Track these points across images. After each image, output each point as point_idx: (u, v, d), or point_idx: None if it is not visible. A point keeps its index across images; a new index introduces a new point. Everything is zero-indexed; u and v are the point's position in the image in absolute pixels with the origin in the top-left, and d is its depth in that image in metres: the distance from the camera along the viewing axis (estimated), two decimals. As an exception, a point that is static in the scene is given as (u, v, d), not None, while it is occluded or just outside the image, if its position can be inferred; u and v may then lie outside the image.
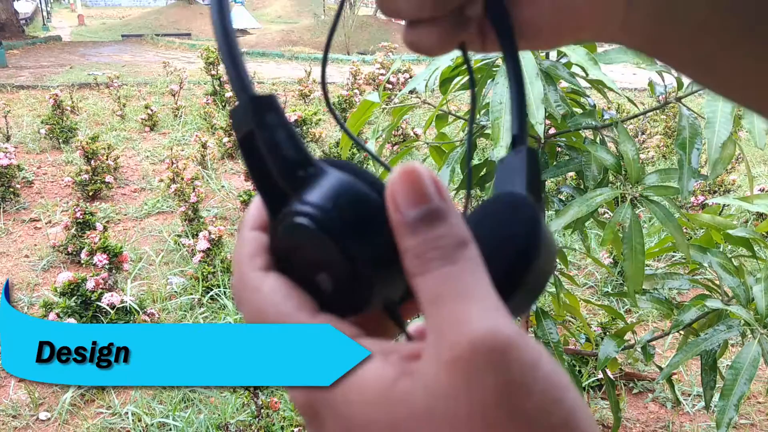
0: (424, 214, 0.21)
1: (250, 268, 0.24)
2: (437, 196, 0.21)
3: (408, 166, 0.21)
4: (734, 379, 1.18)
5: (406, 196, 0.21)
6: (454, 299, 0.20)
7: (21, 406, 2.21)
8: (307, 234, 0.23)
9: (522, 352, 0.18)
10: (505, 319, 0.19)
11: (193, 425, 2.05)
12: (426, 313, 0.20)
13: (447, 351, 0.19)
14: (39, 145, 5.52)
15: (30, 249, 3.53)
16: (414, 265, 0.21)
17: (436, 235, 0.21)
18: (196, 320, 2.69)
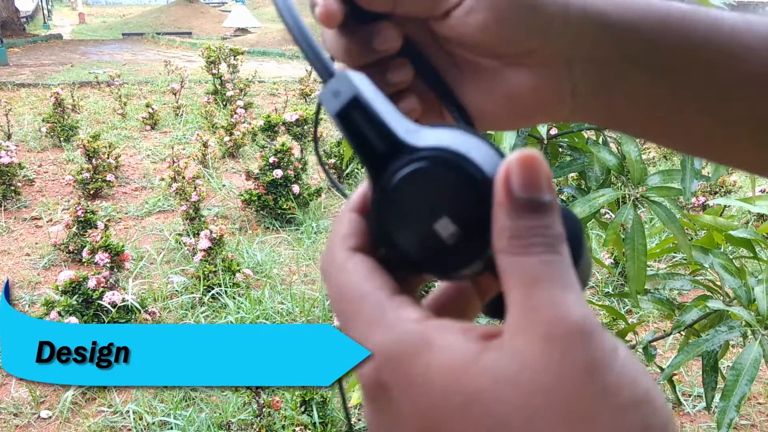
0: (535, 201, 0.22)
1: (341, 247, 0.25)
2: (549, 189, 0.22)
3: (530, 151, 0.22)
4: (735, 380, 1.17)
5: (522, 178, 0.22)
6: (553, 284, 0.21)
7: (22, 405, 2.21)
8: (434, 175, 0.24)
9: (605, 338, 0.20)
10: (592, 312, 0.21)
11: (194, 424, 2.05)
12: (517, 292, 0.21)
13: (544, 327, 0.20)
14: (40, 143, 5.53)
15: (31, 247, 3.54)
16: (513, 245, 0.22)
17: (542, 224, 0.22)
18: (197, 319, 2.69)
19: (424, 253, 0.24)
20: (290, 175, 3.89)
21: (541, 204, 0.22)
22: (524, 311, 0.21)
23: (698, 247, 1.32)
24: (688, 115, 0.32)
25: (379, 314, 0.23)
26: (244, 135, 5.17)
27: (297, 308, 2.77)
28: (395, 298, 0.23)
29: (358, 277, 0.24)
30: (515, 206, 0.22)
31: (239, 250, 3.35)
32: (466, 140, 0.24)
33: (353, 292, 0.24)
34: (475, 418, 0.20)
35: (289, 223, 3.84)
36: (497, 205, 0.22)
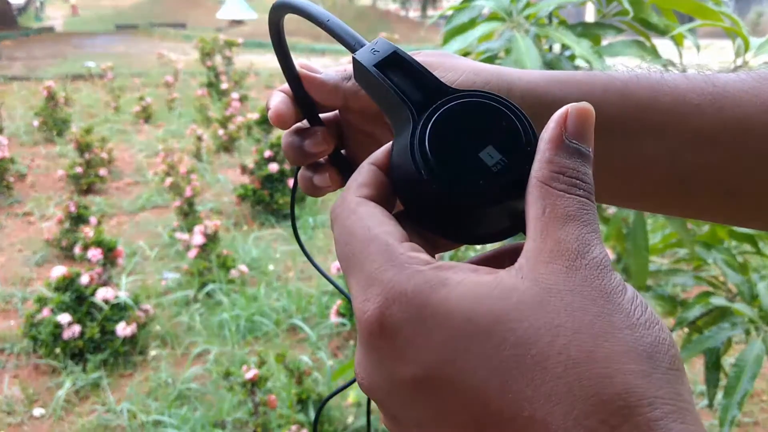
0: (582, 151, 0.24)
1: (354, 193, 0.26)
2: (591, 147, 0.24)
3: (587, 104, 0.24)
4: (738, 377, 1.17)
5: (576, 125, 0.24)
6: (584, 224, 0.22)
7: (15, 402, 2.19)
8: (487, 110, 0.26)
9: (617, 276, 0.22)
10: (608, 252, 0.23)
11: (189, 423, 2.03)
12: (548, 224, 0.23)
13: (568, 258, 0.22)
14: (32, 137, 5.47)
15: (23, 243, 3.50)
16: (557, 178, 0.23)
17: (584, 171, 0.23)
18: (191, 317, 2.66)
19: (469, 185, 0.25)
20: (286, 170, 3.86)
21: (585, 154, 0.24)
22: (552, 242, 0.22)
23: (701, 243, 1.31)
24: (646, 179, 0.34)
25: (389, 255, 0.23)
26: (239, 128, 5.12)
27: (293, 305, 2.75)
28: (406, 243, 0.24)
29: (370, 221, 0.24)
30: (565, 146, 0.23)
31: (234, 245, 3.32)
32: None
33: (363, 234, 0.24)
34: (500, 338, 0.21)
35: (285, 219, 3.80)
36: (547, 140, 0.24)
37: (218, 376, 2.11)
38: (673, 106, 0.33)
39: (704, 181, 0.34)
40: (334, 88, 0.35)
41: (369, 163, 0.27)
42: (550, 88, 0.33)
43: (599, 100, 0.33)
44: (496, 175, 0.25)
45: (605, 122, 0.32)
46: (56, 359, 2.35)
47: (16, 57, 10.49)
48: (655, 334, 0.21)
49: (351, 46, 0.30)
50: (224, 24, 16.80)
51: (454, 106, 0.26)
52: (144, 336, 2.49)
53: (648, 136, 0.34)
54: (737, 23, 0.96)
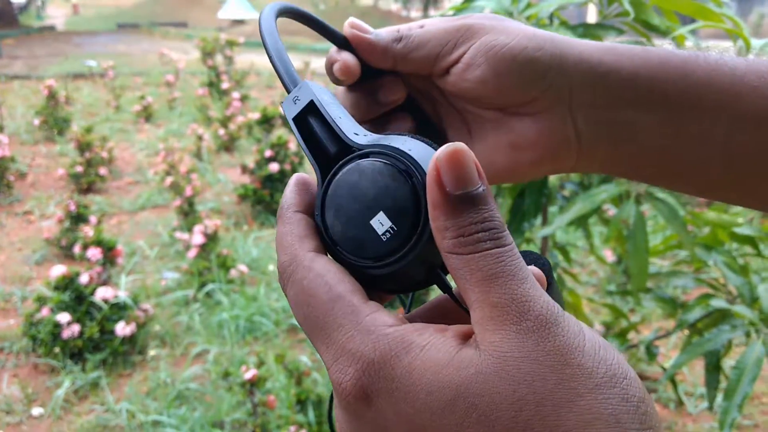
0: (470, 196, 0.22)
1: (302, 249, 0.24)
2: (480, 180, 0.22)
3: (456, 146, 0.22)
4: (738, 380, 1.16)
5: (452, 175, 0.22)
6: (509, 278, 0.21)
7: (14, 402, 2.19)
8: (379, 172, 0.24)
9: (569, 323, 0.21)
10: (550, 299, 0.22)
11: (188, 423, 2.03)
12: (477, 290, 0.21)
13: (513, 323, 0.21)
14: (33, 136, 5.47)
15: (23, 242, 3.50)
16: (458, 243, 0.22)
17: (483, 217, 0.22)
18: (190, 316, 2.66)
19: (363, 252, 0.24)
20: (287, 169, 3.85)
21: (476, 197, 0.22)
22: (489, 309, 0.21)
23: (702, 245, 1.31)
24: (696, 158, 0.34)
25: (354, 319, 0.22)
26: (239, 128, 5.12)
27: (293, 304, 2.74)
28: (368, 303, 0.23)
29: (329, 279, 0.23)
30: (452, 204, 0.22)
31: (234, 245, 3.32)
32: (411, 142, 0.25)
33: (325, 296, 0.23)
34: (462, 413, 0.20)
35: (285, 218, 3.80)
36: (433, 205, 0.22)
37: (217, 377, 2.10)
38: (731, 86, 0.32)
39: (756, 164, 0.33)
40: (383, 50, 0.34)
41: (295, 211, 0.26)
42: (603, 59, 0.33)
43: (655, 73, 0.32)
44: (385, 244, 0.24)
45: (660, 96, 0.32)
46: (55, 358, 2.35)
47: (17, 56, 10.49)
48: (622, 392, 0.20)
49: (288, 89, 0.29)
50: (225, 23, 16.80)
51: (351, 167, 0.25)
52: (143, 336, 2.49)
53: (704, 115, 0.33)
54: (738, 25, 0.95)
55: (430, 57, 0.33)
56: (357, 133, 0.26)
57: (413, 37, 0.33)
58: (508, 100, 0.33)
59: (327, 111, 0.27)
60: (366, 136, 0.26)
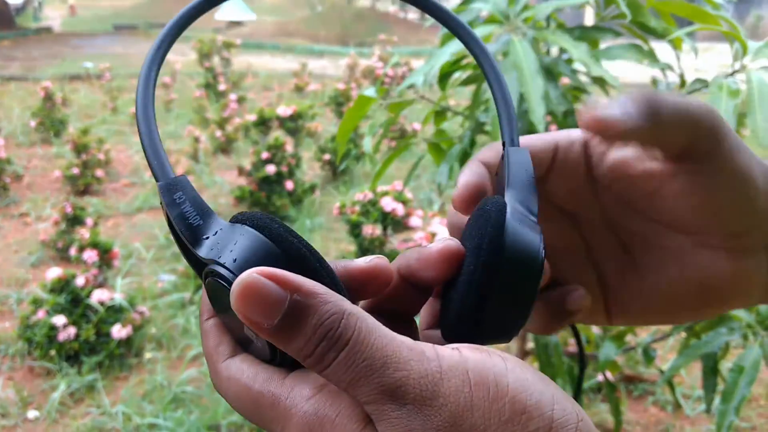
0: (285, 317, 0.21)
1: (217, 360, 0.24)
2: (283, 291, 0.21)
3: (242, 281, 0.21)
4: (735, 382, 1.16)
5: (257, 312, 0.21)
6: (371, 375, 0.20)
7: (9, 405, 2.17)
8: (219, 291, 0.23)
9: (452, 382, 0.20)
10: (419, 364, 0.20)
11: (184, 426, 2.02)
12: (350, 393, 0.21)
13: (396, 410, 0.20)
14: (29, 138, 5.45)
15: (19, 244, 3.48)
16: (311, 364, 0.21)
17: (310, 329, 0.21)
18: (187, 319, 2.65)
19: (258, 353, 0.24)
20: (284, 171, 3.85)
21: (293, 312, 0.20)
22: (368, 407, 0.21)
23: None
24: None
25: (276, 410, 0.22)
26: (236, 130, 5.11)
27: (290, 306, 2.74)
28: (285, 382, 0.23)
29: (244, 381, 0.23)
30: (277, 335, 0.21)
31: (231, 247, 3.31)
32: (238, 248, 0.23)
33: (248, 399, 0.23)
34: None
35: (282, 221, 3.79)
36: (271, 341, 0.21)
37: (214, 379, 2.10)
38: None
39: None
40: None
41: (206, 320, 0.26)
42: None
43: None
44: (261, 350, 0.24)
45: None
46: (51, 361, 2.34)
47: (13, 57, 10.47)
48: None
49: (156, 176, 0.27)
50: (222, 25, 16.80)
51: (206, 286, 0.25)
52: (139, 338, 2.48)
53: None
54: (735, 27, 0.95)
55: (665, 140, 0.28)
56: (207, 236, 0.24)
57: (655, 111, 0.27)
58: (710, 231, 0.29)
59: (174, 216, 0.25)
60: (215, 235, 0.24)
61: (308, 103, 5.17)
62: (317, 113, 5.25)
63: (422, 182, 4.29)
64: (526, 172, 0.28)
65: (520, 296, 0.25)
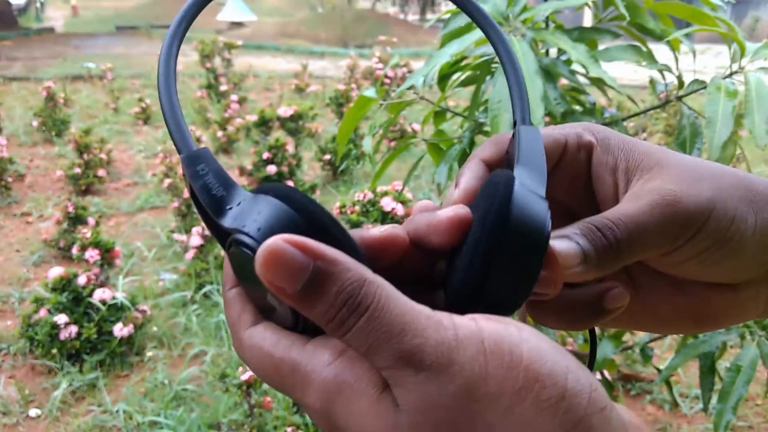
0: (309, 284, 0.21)
1: (240, 328, 0.25)
2: (307, 258, 0.21)
3: (267, 247, 0.21)
4: (732, 382, 1.16)
5: (281, 278, 0.21)
6: (389, 340, 0.21)
7: (11, 403, 2.18)
8: (243, 259, 0.24)
9: (468, 350, 0.20)
10: (436, 332, 0.21)
11: (185, 424, 2.03)
12: (370, 359, 0.21)
13: (413, 375, 0.21)
14: (31, 137, 5.47)
15: (21, 243, 3.49)
16: (332, 329, 0.21)
17: (333, 294, 0.21)
18: (188, 318, 2.66)
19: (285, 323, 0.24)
20: (284, 172, 3.86)
21: (315, 278, 0.21)
22: (386, 372, 0.21)
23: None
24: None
25: (296, 376, 0.23)
26: (237, 130, 5.12)
27: (290, 306, 2.74)
28: (306, 348, 0.23)
29: (266, 349, 0.24)
30: (301, 301, 0.21)
31: (232, 246, 3.32)
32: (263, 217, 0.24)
33: (269, 366, 0.24)
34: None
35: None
36: (294, 307, 0.22)
37: (214, 378, 2.11)
38: None
39: None
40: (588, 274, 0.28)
41: (228, 290, 0.26)
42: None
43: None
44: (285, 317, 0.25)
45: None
46: (53, 360, 2.34)
47: (15, 57, 10.49)
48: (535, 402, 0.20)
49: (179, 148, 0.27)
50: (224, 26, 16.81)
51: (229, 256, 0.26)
52: (141, 337, 2.49)
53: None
54: (733, 29, 0.96)
55: (646, 255, 0.28)
56: (231, 206, 0.25)
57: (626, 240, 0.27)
58: (718, 280, 0.29)
59: (199, 186, 0.25)
60: (238, 205, 0.25)
61: (309, 104, 5.18)
62: (318, 114, 5.26)
63: (422, 182, 4.30)
64: (537, 150, 0.28)
65: (523, 267, 0.25)
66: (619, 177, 0.30)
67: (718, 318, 0.30)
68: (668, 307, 0.31)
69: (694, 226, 0.27)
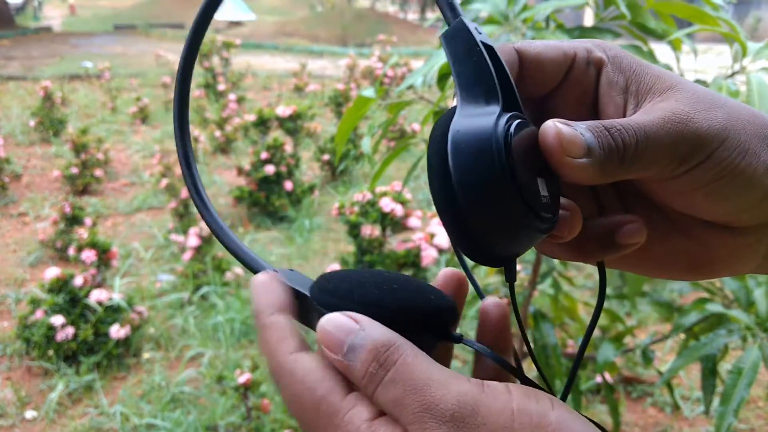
0: (345, 353, 0.24)
1: (282, 353, 0.25)
2: (345, 334, 0.24)
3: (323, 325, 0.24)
4: (734, 384, 1.16)
5: (327, 346, 0.24)
6: (413, 393, 0.22)
7: (7, 405, 2.17)
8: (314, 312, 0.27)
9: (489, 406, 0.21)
10: (460, 386, 0.22)
11: (182, 426, 2.01)
12: (397, 415, 0.22)
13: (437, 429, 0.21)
14: (28, 137, 5.45)
15: (18, 244, 3.48)
16: (365, 385, 0.23)
17: (361, 361, 0.23)
18: (185, 319, 2.65)
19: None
20: (283, 172, 3.85)
21: (348, 350, 0.23)
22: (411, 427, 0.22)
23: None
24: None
25: (332, 421, 0.24)
26: (235, 130, 5.11)
27: (288, 307, 2.73)
28: (348, 398, 0.24)
29: (310, 382, 0.24)
30: (340, 362, 0.24)
31: (230, 247, 3.30)
32: None
33: (308, 401, 0.24)
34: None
35: (281, 221, 3.79)
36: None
37: (212, 380, 2.09)
38: None
39: None
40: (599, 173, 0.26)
41: (270, 315, 0.26)
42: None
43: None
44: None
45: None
46: (49, 361, 2.33)
47: (13, 56, 10.46)
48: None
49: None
50: (222, 25, 16.79)
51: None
52: (138, 338, 2.47)
53: None
54: (734, 28, 0.95)
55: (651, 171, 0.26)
56: None
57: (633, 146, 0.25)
58: (714, 217, 0.28)
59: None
60: None
61: (307, 104, 5.16)
62: (316, 113, 5.25)
63: (421, 183, 4.28)
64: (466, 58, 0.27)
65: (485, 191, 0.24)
66: (629, 98, 0.28)
67: (714, 264, 0.30)
68: (663, 248, 0.30)
69: (705, 150, 0.26)
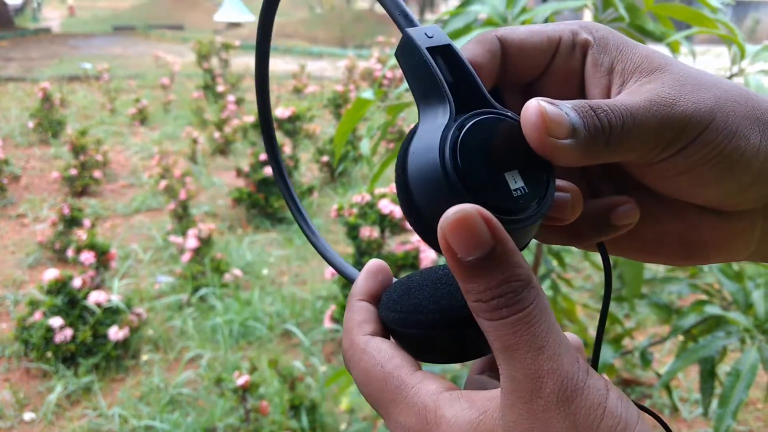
0: (482, 259, 0.21)
1: (359, 333, 0.27)
2: (492, 238, 0.21)
3: (459, 210, 0.21)
4: (732, 386, 1.16)
5: (460, 242, 0.21)
6: (527, 350, 0.21)
7: (5, 407, 2.17)
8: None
9: (587, 397, 0.21)
10: (570, 366, 0.21)
11: (181, 428, 2.01)
12: (498, 358, 0.22)
13: (526, 401, 0.21)
14: (27, 138, 5.44)
15: (16, 245, 3.47)
16: (481, 309, 0.22)
17: (498, 281, 0.21)
18: (184, 321, 2.64)
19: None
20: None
21: (489, 260, 0.21)
22: (508, 382, 0.22)
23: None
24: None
25: (400, 393, 0.24)
26: (234, 131, 5.11)
27: (287, 310, 2.73)
28: (416, 373, 0.25)
29: (380, 359, 0.26)
30: (465, 271, 0.22)
31: (228, 249, 3.31)
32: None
33: (377, 375, 0.25)
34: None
35: (280, 222, 3.79)
36: (455, 273, 0.22)
37: (210, 382, 2.09)
38: None
39: None
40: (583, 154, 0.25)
41: (358, 299, 0.28)
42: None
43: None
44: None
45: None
46: (48, 363, 2.33)
47: (12, 57, 10.46)
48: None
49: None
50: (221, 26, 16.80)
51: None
52: (136, 340, 2.47)
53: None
54: (733, 31, 0.95)
55: (636, 154, 0.26)
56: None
57: (619, 128, 0.25)
58: (706, 201, 0.27)
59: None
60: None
61: (306, 105, 5.16)
62: (315, 115, 5.25)
63: (420, 184, 4.28)
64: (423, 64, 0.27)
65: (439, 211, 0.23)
66: (613, 79, 0.28)
67: (707, 249, 0.29)
68: (654, 232, 0.29)
69: (690, 133, 0.25)
